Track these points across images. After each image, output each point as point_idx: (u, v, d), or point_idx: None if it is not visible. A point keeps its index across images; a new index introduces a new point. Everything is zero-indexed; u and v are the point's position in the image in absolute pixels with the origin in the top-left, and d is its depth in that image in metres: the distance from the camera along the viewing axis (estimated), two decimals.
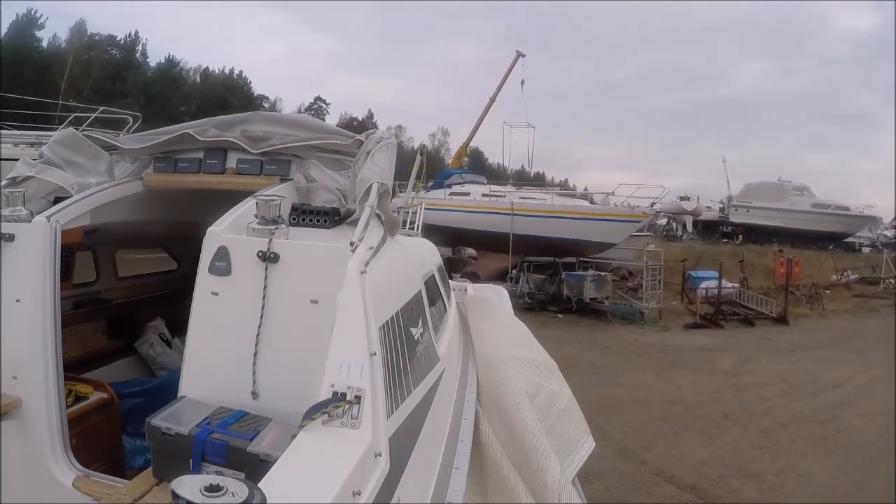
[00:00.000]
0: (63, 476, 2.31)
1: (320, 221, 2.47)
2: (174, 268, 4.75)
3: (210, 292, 2.30)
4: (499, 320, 4.73)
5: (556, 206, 20.19)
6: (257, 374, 2.23)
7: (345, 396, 1.71)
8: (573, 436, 3.40)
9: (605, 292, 17.59)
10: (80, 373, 3.17)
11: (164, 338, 4.12)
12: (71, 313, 3.51)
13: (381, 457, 1.69)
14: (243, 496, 1.11)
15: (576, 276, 17.66)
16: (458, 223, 20.97)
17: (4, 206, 2.57)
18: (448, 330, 3.35)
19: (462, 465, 2.44)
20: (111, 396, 2.91)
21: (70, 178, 2.90)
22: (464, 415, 2.90)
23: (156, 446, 2.06)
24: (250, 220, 2.33)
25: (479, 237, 21.03)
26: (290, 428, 1.76)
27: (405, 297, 2.47)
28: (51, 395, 2.37)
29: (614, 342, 14.07)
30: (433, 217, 20.80)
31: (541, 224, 19.36)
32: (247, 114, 3.04)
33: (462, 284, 6.00)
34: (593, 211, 19.71)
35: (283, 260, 2.25)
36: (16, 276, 2.44)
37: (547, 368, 3.80)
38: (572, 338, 13.97)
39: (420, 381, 2.30)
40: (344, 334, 1.85)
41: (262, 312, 2.24)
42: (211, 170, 2.97)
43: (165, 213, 3.48)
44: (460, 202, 22.33)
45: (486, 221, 20.42)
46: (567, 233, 18.95)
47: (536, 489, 2.73)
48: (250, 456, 1.91)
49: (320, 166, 2.87)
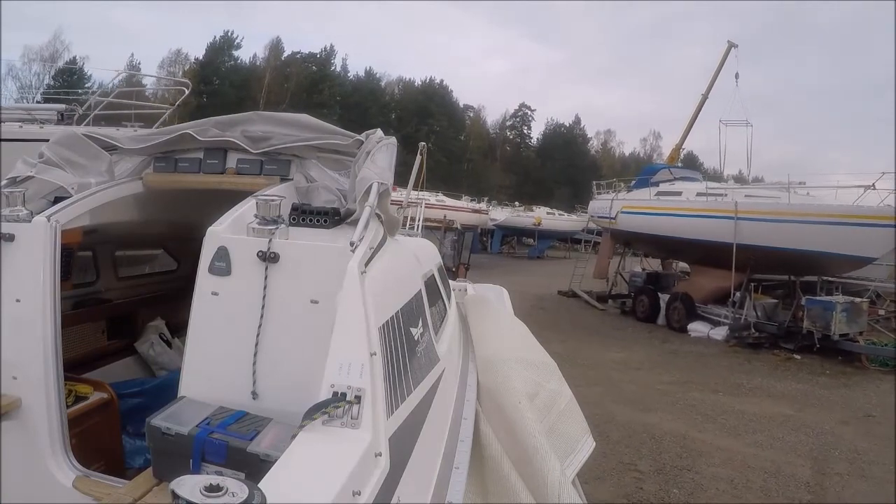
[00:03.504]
0: (63, 476, 2.30)
1: (320, 221, 2.47)
2: (174, 268, 4.75)
3: (210, 292, 2.30)
4: (499, 320, 4.73)
5: (795, 207, 14.01)
6: (257, 374, 2.23)
7: (345, 396, 1.71)
8: (573, 436, 3.40)
9: (860, 326, 12.76)
10: (80, 373, 3.16)
11: (164, 338, 4.12)
12: (71, 313, 3.50)
13: (381, 457, 1.69)
14: (243, 496, 1.11)
15: (821, 303, 12.78)
16: (665, 230, 16.78)
17: (4, 206, 2.57)
18: (448, 330, 3.35)
19: (462, 464, 2.44)
20: (111, 396, 2.91)
21: (70, 178, 2.90)
22: (464, 415, 2.90)
23: (156, 446, 2.06)
24: (250, 220, 2.33)
25: (692, 248, 16.27)
26: (290, 428, 1.76)
27: (405, 297, 2.47)
28: (51, 395, 2.37)
29: (881, 407, 9.31)
30: (636, 223, 18.09)
31: (774, 231, 13.92)
32: (247, 114, 3.04)
33: (462, 284, 6.00)
34: (851, 213, 13.17)
35: (283, 260, 2.25)
36: (16, 276, 2.44)
37: (547, 368, 3.79)
38: (816, 396, 9.87)
39: (420, 381, 2.30)
40: (344, 334, 1.85)
41: (262, 312, 2.24)
42: (211, 170, 2.97)
43: (165, 213, 3.48)
44: (668, 204, 17.54)
45: (700, 228, 15.52)
46: (811, 243, 13.28)
47: (536, 489, 2.73)
48: (250, 456, 1.91)
49: (320, 166, 2.87)
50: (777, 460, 6.88)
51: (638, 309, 17.04)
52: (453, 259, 17.93)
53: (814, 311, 12.69)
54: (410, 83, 76.04)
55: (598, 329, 15.41)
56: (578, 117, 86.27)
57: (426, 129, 63.57)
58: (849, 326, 12.47)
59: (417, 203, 8.04)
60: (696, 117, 24.29)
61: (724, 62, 23.25)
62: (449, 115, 74.11)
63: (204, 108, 52.02)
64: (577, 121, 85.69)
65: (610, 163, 77.32)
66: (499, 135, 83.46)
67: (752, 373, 11.29)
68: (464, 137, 76.70)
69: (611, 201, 19.84)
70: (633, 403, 8.76)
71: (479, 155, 77.37)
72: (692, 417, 8.35)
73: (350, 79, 70.37)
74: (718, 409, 8.72)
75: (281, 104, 52.88)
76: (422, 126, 65.00)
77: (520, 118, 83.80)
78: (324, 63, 67.96)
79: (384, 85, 74.39)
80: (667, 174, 20.20)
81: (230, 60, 63.31)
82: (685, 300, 15.54)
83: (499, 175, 75.37)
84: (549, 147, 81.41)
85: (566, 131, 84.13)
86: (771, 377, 11.00)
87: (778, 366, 12.01)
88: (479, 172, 72.87)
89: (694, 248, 16.11)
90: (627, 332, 15.25)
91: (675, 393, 9.49)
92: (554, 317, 16.37)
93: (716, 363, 12.03)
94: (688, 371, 11.15)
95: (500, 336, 4.11)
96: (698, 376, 10.74)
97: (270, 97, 57.15)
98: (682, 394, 9.46)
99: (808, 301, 13.07)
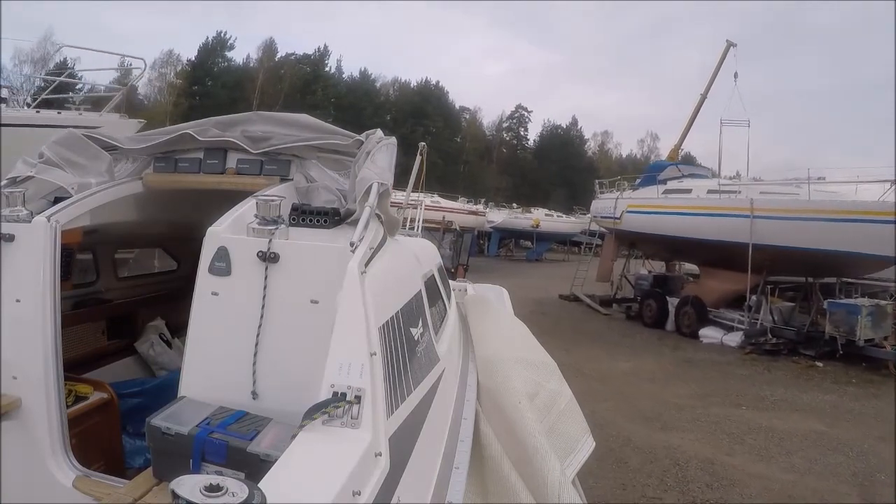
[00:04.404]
0: (63, 476, 2.31)
1: (320, 221, 2.47)
2: (174, 268, 4.75)
3: (210, 292, 2.31)
4: (499, 320, 4.73)
5: (816, 203, 12.95)
6: (257, 374, 2.23)
7: (345, 396, 1.71)
8: (573, 436, 3.40)
9: (884, 330, 12.02)
10: (80, 373, 3.16)
11: (164, 338, 4.12)
12: (71, 313, 3.51)
13: (381, 457, 1.69)
14: (243, 496, 1.11)
15: (845, 307, 12.00)
16: (674, 230, 15.77)
17: (4, 206, 2.57)
18: (448, 330, 3.35)
19: (462, 464, 2.44)
20: (111, 396, 2.91)
21: (70, 178, 2.91)
22: (464, 415, 2.90)
23: (156, 446, 2.06)
24: (250, 221, 2.34)
25: (704, 249, 15.37)
26: (290, 428, 1.76)
27: (405, 297, 2.47)
28: (51, 395, 2.37)
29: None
30: (642, 223, 17.19)
31: (794, 229, 12.94)
32: (247, 114, 3.04)
33: (462, 284, 6.01)
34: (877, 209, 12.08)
35: (283, 260, 2.25)
36: (16, 276, 2.44)
37: (547, 368, 3.79)
38: (847, 409, 9.18)
39: (420, 381, 2.30)
40: (344, 334, 1.85)
41: (262, 312, 2.24)
42: (211, 170, 2.97)
43: (165, 213, 3.48)
44: (677, 202, 16.50)
45: (713, 227, 14.53)
46: (834, 242, 12.29)
47: (536, 489, 2.73)
48: (250, 456, 1.91)
49: (320, 166, 2.87)
50: (819, 488, 6.18)
51: (645, 314, 16.19)
52: (452, 260, 17.86)
53: (837, 315, 11.93)
54: (406, 84, 75.77)
55: (604, 335, 14.63)
56: (575, 118, 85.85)
57: (422, 131, 63.28)
58: (874, 331, 11.76)
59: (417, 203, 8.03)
60: (695, 117, 23.81)
61: (722, 61, 22.87)
62: (445, 116, 73.84)
63: (196, 109, 52.15)
64: (574, 122, 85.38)
65: (607, 164, 76.55)
66: (495, 136, 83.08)
67: (773, 383, 10.61)
68: (460, 139, 76.32)
69: (615, 200, 19.02)
70: (650, 421, 8.04)
71: (475, 157, 77.02)
72: (717, 437, 7.60)
73: (345, 80, 70.12)
74: (744, 427, 7.99)
75: (274, 105, 52.74)
76: (417, 127, 64.77)
77: (516, 119, 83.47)
78: (317, 63, 67.72)
79: (379, 86, 74.10)
80: (675, 171, 19.24)
81: (223, 61, 63.20)
82: (696, 304, 14.71)
83: (495, 177, 75.00)
84: (545, 148, 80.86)
85: (563, 133, 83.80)
86: (794, 387, 10.25)
87: (800, 374, 11.27)
88: (475, 174, 72.57)
89: (705, 248, 15.17)
90: (635, 338, 14.42)
91: (694, 408, 8.75)
92: (556, 322, 15.55)
93: (734, 373, 11.24)
94: (705, 382, 10.41)
95: (500, 336, 4.11)
96: (717, 388, 10.03)
97: (263, 98, 56.98)
98: (703, 409, 8.73)
99: (831, 304, 12.29)
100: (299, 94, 61.22)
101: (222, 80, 60.64)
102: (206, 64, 61.41)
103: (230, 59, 64.12)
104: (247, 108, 5.36)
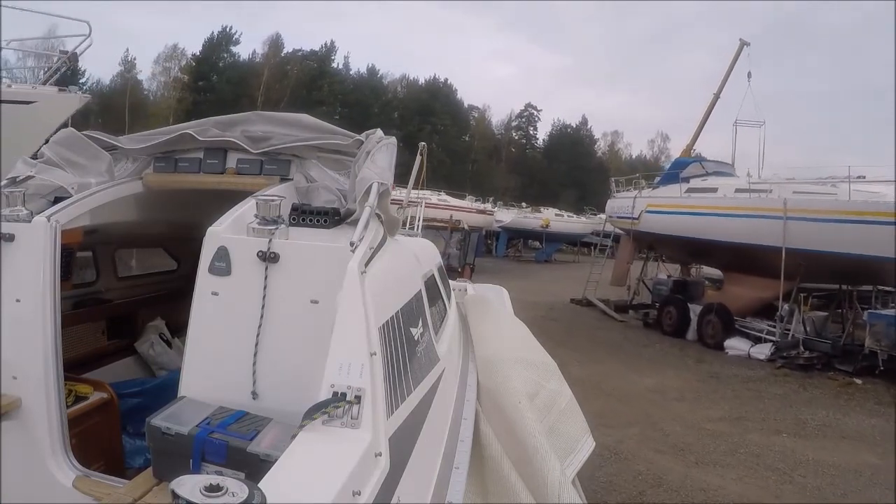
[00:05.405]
0: (63, 476, 2.31)
1: (320, 221, 2.47)
2: (174, 268, 4.75)
3: (210, 292, 2.31)
4: (499, 320, 4.73)
5: (858, 205, 11.66)
6: (257, 374, 2.23)
7: (345, 396, 1.71)
8: (573, 436, 3.40)
9: None
10: (80, 373, 3.16)
11: (164, 338, 4.12)
12: (71, 313, 3.50)
13: (381, 457, 1.69)
14: (243, 496, 1.11)
15: (886, 318, 10.90)
16: (699, 232, 14.55)
17: (4, 206, 2.57)
18: (448, 330, 3.35)
19: (462, 464, 2.44)
20: (111, 396, 2.91)
21: (70, 177, 2.91)
22: (464, 415, 2.90)
23: (156, 446, 2.06)
24: (250, 220, 2.33)
25: (730, 253, 14.14)
26: (290, 428, 1.76)
27: (405, 297, 2.47)
28: (51, 395, 2.37)
29: None
30: (663, 223, 16.05)
31: (832, 232, 11.77)
32: (247, 114, 3.04)
33: (462, 284, 6.00)
34: None
35: (283, 260, 2.25)
36: (16, 276, 2.44)
37: (547, 368, 3.80)
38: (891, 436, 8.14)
39: (420, 381, 2.31)
40: (344, 334, 1.85)
41: (262, 312, 2.24)
42: (211, 170, 2.97)
43: (165, 213, 3.48)
44: (702, 201, 15.25)
45: (742, 229, 13.33)
46: (877, 247, 11.06)
47: (536, 489, 2.73)
48: (250, 456, 1.91)
49: (320, 166, 2.87)
50: None
51: (664, 321, 14.93)
52: (459, 259, 17.61)
53: (878, 327, 10.88)
54: (414, 82, 75.50)
55: (622, 346, 13.44)
56: (585, 118, 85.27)
57: (429, 128, 63.05)
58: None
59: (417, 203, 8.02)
60: (708, 117, 22.71)
61: (735, 61, 21.87)
62: (453, 114, 73.60)
63: (200, 104, 51.89)
64: (584, 121, 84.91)
65: (617, 165, 75.69)
66: (504, 135, 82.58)
67: (812, 403, 9.58)
68: (468, 138, 75.97)
69: (633, 199, 17.79)
70: (683, 453, 7.08)
71: (483, 155, 76.62)
72: (761, 474, 6.59)
73: (352, 76, 69.67)
74: (789, 460, 7.04)
75: (279, 102, 52.67)
76: (424, 125, 64.55)
77: (525, 119, 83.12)
78: (324, 60, 67.33)
79: (387, 84, 73.73)
80: (699, 168, 17.71)
81: (228, 57, 62.73)
82: (721, 312, 13.45)
83: (503, 176, 74.49)
84: (555, 148, 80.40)
85: (572, 132, 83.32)
86: (835, 409, 9.25)
87: (839, 393, 10.18)
88: (483, 173, 72.08)
89: (732, 252, 13.94)
90: (655, 349, 13.26)
91: (730, 435, 7.82)
92: (568, 330, 14.35)
93: (767, 391, 10.15)
94: (737, 403, 9.40)
95: (500, 336, 4.11)
96: (752, 410, 9.04)
97: (269, 94, 56.69)
98: (739, 436, 7.80)
99: (871, 315, 11.30)
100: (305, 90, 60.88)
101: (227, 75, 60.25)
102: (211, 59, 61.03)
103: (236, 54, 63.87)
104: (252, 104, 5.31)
